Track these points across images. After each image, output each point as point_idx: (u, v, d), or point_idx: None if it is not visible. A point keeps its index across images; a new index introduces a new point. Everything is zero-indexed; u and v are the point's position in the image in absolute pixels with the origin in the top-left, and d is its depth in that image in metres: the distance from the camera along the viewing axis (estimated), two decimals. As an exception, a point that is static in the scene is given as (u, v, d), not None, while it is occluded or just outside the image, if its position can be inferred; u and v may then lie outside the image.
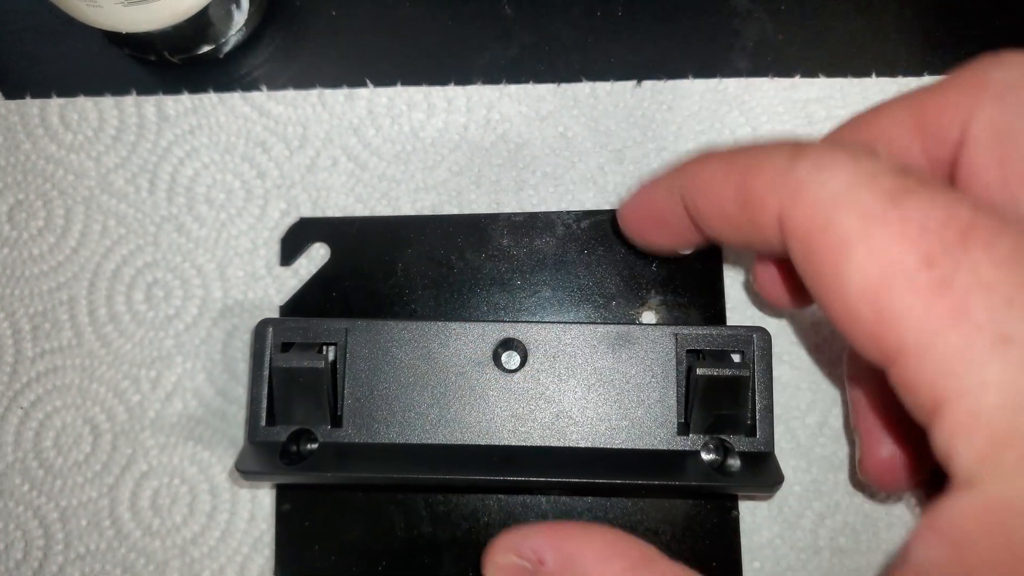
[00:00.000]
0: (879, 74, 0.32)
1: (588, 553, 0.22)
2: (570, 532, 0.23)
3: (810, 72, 0.32)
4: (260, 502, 0.30)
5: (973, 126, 0.20)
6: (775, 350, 0.30)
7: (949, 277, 0.16)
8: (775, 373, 0.30)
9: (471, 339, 0.28)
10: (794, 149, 0.20)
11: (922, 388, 0.17)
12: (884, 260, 0.17)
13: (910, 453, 0.25)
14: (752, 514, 0.29)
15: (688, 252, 0.29)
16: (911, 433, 0.24)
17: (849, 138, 0.23)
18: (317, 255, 0.31)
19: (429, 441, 0.28)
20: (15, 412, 0.31)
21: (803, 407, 0.30)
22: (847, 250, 0.18)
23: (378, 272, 0.31)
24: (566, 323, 0.28)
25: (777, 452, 0.29)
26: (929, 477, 0.25)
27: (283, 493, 0.30)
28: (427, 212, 0.32)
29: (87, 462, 0.30)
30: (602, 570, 0.21)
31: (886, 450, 0.25)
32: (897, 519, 0.29)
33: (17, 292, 0.32)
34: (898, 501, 0.29)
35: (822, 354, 0.30)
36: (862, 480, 0.27)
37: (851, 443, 0.29)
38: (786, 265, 0.24)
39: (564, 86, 0.32)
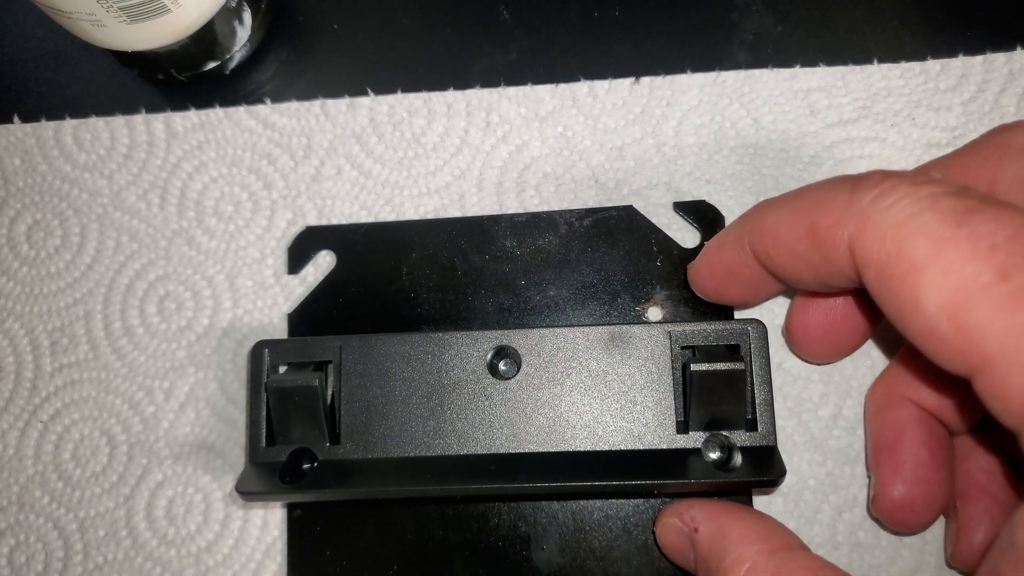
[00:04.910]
0: (881, 60, 0.32)
1: (735, 531, 0.24)
2: (725, 510, 0.26)
3: (810, 61, 0.32)
4: (272, 510, 0.30)
5: (1001, 180, 0.22)
6: (785, 342, 0.30)
7: None
8: (786, 365, 0.30)
9: (465, 349, 0.28)
10: (853, 181, 0.21)
11: (1012, 393, 0.18)
12: (958, 278, 0.18)
13: (927, 492, 0.26)
14: (767, 509, 0.29)
15: (758, 303, 0.30)
16: (930, 472, 0.26)
17: None
18: (324, 262, 0.32)
19: (427, 454, 0.27)
20: (35, 426, 0.31)
21: (815, 399, 0.29)
22: (921, 272, 0.19)
23: (384, 277, 0.31)
24: (559, 327, 0.28)
25: (790, 446, 0.29)
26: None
27: (294, 501, 0.30)
28: (430, 216, 0.32)
29: (104, 473, 0.31)
30: (743, 548, 0.24)
31: (899, 490, 0.26)
32: (918, 512, 0.28)
33: (36, 309, 0.32)
34: (910, 536, 0.28)
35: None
36: (875, 516, 0.27)
37: (868, 479, 0.29)
38: (824, 317, 0.27)
39: (562, 86, 0.32)
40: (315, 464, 0.28)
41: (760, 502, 0.29)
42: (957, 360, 0.19)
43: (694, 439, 0.27)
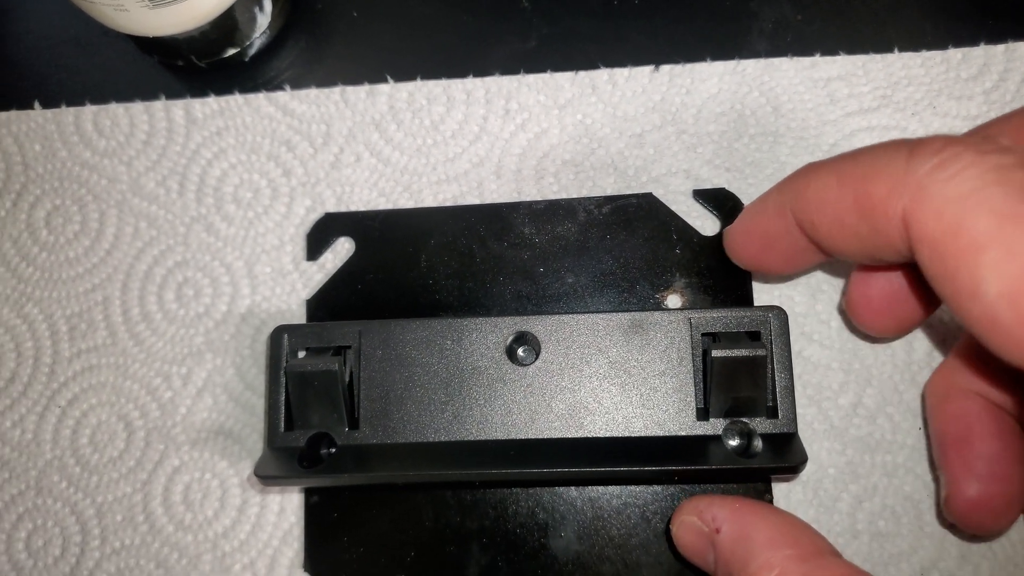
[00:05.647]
0: (902, 49, 0.32)
1: (761, 533, 0.23)
2: (749, 510, 0.23)
3: (830, 50, 0.32)
4: (289, 496, 0.30)
5: None
6: (805, 330, 0.30)
7: None
8: (805, 353, 0.29)
9: (484, 335, 0.28)
10: (911, 147, 0.19)
11: None
12: None
13: (1005, 490, 0.24)
14: (787, 498, 0.28)
15: (798, 274, 0.28)
16: (1006, 467, 0.24)
17: None
18: (342, 249, 0.32)
19: (446, 439, 0.27)
20: (53, 411, 0.32)
21: (835, 387, 0.29)
22: (982, 253, 0.17)
23: (402, 264, 0.31)
24: (578, 313, 0.28)
25: (810, 434, 0.29)
26: None
27: (311, 487, 0.30)
28: (449, 203, 0.32)
29: (121, 458, 0.31)
30: (770, 554, 0.22)
31: (974, 489, 0.24)
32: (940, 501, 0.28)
33: (55, 294, 0.33)
34: (987, 540, 0.27)
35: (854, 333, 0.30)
36: (949, 519, 0.26)
37: (935, 480, 0.28)
38: (889, 286, 0.25)
39: (582, 74, 0.32)
40: (333, 449, 0.28)
41: (779, 490, 0.29)
42: (1016, 350, 0.17)
43: (714, 426, 0.27)
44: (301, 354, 0.28)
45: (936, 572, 0.27)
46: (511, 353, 0.28)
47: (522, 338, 0.28)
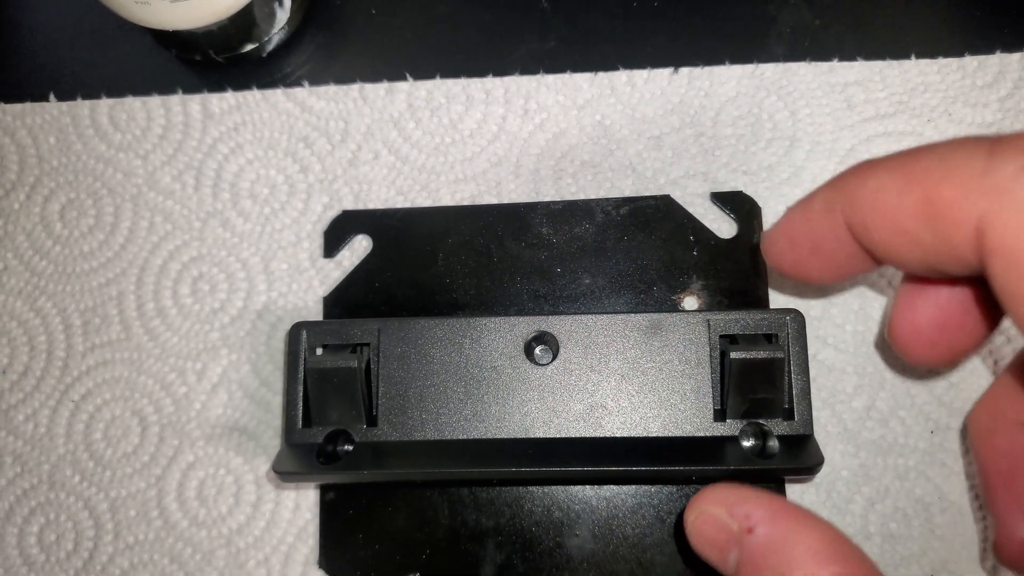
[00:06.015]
0: (919, 56, 0.32)
1: (803, 543, 0.20)
2: (792, 515, 0.21)
3: (848, 56, 0.32)
4: (304, 492, 0.30)
5: None
6: (819, 333, 0.30)
7: None
8: (820, 357, 0.30)
9: (503, 334, 0.28)
10: (991, 146, 0.17)
11: None
12: None
13: None
14: (800, 499, 0.29)
15: (843, 285, 0.26)
16: None
17: None
18: (359, 247, 0.32)
19: (464, 437, 0.28)
20: (66, 405, 0.31)
21: (849, 391, 0.29)
22: None
23: (419, 262, 0.31)
24: (597, 314, 0.28)
25: (824, 436, 0.29)
26: None
27: (327, 483, 0.30)
28: (467, 202, 0.32)
29: (135, 453, 0.31)
30: (815, 568, 0.19)
31: None
32: (951, 504, 0.28)
33: (69, 288, 0.32)
34: None
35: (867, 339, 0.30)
36: (999, 563, 0.24)
37: (982, 520, 0.28)
38: (940, 311, 0.22)
39: (601, 75, 0.32)
40: (351, 446, 0.28)
41: (793, 492, 0.29)
42: None
43: (731, 427, 0.27)
44: (319, 351, 0.29)
45: (946, 574, 0.28)
46: (529, 352, 0.28)
47: (540, 338, 0.28)
